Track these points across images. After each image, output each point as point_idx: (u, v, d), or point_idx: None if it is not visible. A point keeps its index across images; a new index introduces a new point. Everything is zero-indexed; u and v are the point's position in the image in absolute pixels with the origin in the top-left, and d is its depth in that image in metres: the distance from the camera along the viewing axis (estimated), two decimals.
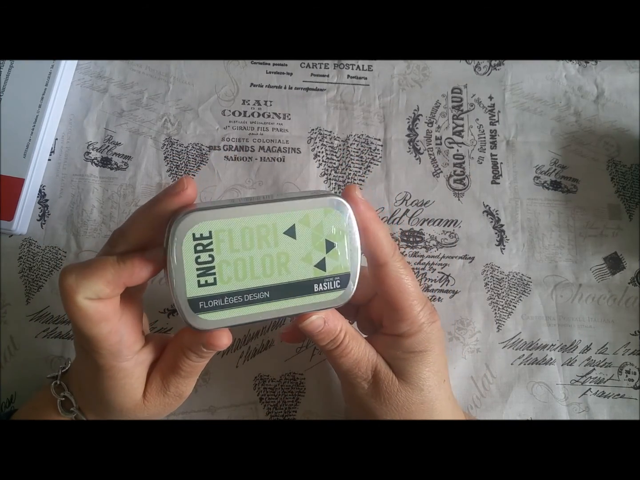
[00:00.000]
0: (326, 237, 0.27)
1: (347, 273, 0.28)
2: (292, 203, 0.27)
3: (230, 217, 0.26)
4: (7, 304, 0.40)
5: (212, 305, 0.26)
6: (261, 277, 0.26)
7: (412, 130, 0.45)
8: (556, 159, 0.45)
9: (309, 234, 0.27)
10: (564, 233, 0.43)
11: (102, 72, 0.45)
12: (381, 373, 0.31)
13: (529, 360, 0.41)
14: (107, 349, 0.27)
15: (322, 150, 0.44)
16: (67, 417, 0.31)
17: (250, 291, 0.26)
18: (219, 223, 0.25)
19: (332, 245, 0.27)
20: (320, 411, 0.39)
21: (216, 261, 0.26)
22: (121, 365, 0.28)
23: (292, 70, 0.46)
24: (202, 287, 0.26)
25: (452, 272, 0.42)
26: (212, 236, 0.25)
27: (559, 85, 0.46)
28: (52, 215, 0.42)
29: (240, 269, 0.26)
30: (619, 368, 0.41)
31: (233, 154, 0.43)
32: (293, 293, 0.27)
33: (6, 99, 0.41)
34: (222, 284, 0.26)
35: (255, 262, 0.26)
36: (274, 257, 0.27)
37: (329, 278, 0.28)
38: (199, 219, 0.25)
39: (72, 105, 0.44)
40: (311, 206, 0.27)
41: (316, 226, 0.27)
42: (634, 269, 0.43)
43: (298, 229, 0.27)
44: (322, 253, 0.27)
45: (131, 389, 0.29)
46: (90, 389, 0.30)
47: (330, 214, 0.27)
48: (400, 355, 0.31)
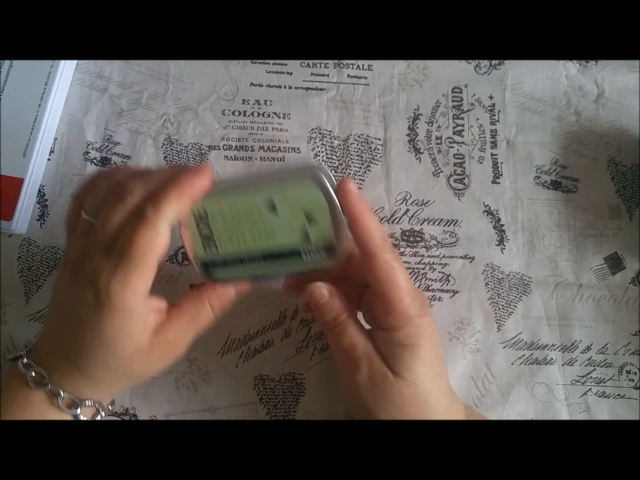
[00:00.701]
0: (305, 208, 0.30)
1: (330, 240, 0.30)
2: (271, 180, 0.30)
3: (220, 197, 0.30)
4: (6, 304, 0.40)
5: (219, 266, 0.32)
6: (253, 246, 0.31)
7: (412, 130, 0.45)
8: (556, 158, 0.45)
9: (289, 206, 0.30)
10: (565, 233, 0.43)
11: (101, 72, 0.45)
12: (375, 366, 0.31)
13: (530, 361, 0.41)
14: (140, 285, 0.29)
15: (322, 150, 0.44)
16: (41, 392, 0.30)
17: (248, 257, 0.31)
18: (212, 202, 0.30)
19: (312, 216, 0.30)
20: (320, 411, 0.39)
21: (215, 232, 0.31)
22: (137, 306, 0.29)
23: (292, 69, 0.45)
24: (208, 252, 0.31)
25: (452, 272, 0.42)
26: (207, 214, 0.30)
27: (559, 85, 0.46)
28: (51, 215, 0.42)
29: (235, 239, 0.31)
30: (619, 368, 0.41)
31: (233, 153, 0.43)
32: (286, 260, 0.31)
33: (6, 99, 0.41)
34: (223, 251, 0.31)
35: (246, 233, 0.31)
36: (262, 230, 0.31)
37: (314, 245, 0.31)
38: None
39: (71, 105, 0.44)
40: (288, 179, 0.30)
41: (294, 199, 0.30)
42: (634, 269, 0.42)
43: (278, 203, 0.30)
44: (304, 223, 0.30)
45: (136, 331, 0.29)
46: (83, 344, 0.29)
47: (305, 186, 0.30)
48: (392, 349, 0.31)
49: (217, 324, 0.33)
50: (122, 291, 0.28)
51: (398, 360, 0.31)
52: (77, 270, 0.29)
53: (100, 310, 0.28)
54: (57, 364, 0.30)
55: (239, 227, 0.31)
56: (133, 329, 0.29)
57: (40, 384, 0.30)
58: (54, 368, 0.30)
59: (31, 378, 0.30)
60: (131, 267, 0.28)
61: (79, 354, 0.30)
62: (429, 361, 0.31)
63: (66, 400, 0.30)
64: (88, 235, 0.30)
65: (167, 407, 0.38)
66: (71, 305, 0.30)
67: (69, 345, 0.30)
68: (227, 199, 0.30)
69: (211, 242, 0.31)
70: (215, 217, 0.31)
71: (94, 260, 0.29)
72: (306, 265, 0.31)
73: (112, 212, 0.30)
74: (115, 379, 0.31)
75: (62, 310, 0.30)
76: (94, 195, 0.31)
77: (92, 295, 0.28)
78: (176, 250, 0.41)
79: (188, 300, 0.32)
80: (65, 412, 0.30)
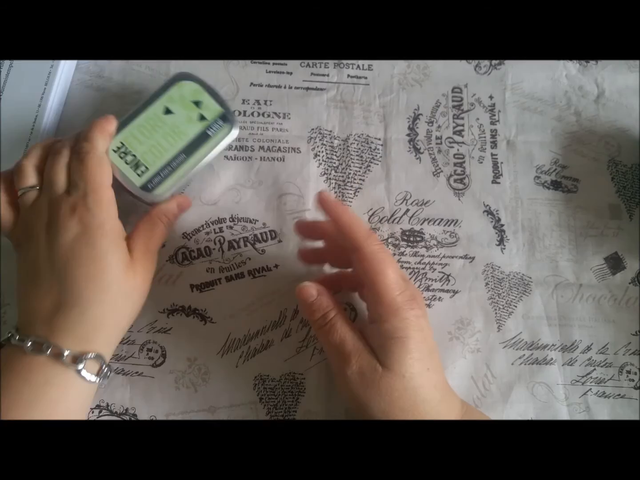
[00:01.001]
0: (191, 99, 0.39)
1: (221, 112, 0.39)
2: (156, 95, 0.38)
3: (127, 126, 0.37)
4: (7, 304, 0.40)
5: (156, 182, 0.37)
6: (171, 148, 0.38)
7: (412, 130, 0.45)
8: (557, 158, 0.45)
9: (179, 104, 0.39)
10: (565, 233, 0.43)
11: (101, 72, 0.45)
12: (365, 360, 0.31)
13: (530, 360, 0.41)
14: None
15: (322, 150, 0.44)
16: (42, 357, 0.31)
17: (173, 159, 0.37)
18: (122, 134, 0.37)
19: (198, 101, 0.39)
20: (320, 411, 0.39)
21: (138, 155, 0.37)
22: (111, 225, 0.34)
23: (292, 69, 0.45)
24: (141, 175, 0.37)
25: (452, 272, 0.42)
26: (124, 144, 0.37)
27: (559, 84, 0.46)
28: None
29: (155, 151, 0.37)
30: (619, 368, 0.41)
31: (233, 153, 0.43)
32: (199, 144, 0.38)
33: (6, 99, 0.41)
34: (152, 166, 0.37)
35: (161, 141, 0.38)
36: (170, 132, 0.38)
37: (211, 121, 0.39)
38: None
39: (71, 105, 0.44)
40: (167, 88, 0.39)
41: (179, 97, 0.39)
42: (634, 269, 0.42)
43: (170, 106, 0.38)
44: (196, 110, 0.39)
45: (120, 246, 0.34)
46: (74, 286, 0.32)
47: (183, 86, 0.39)
48: (381, 341, 0.31)
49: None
50: (99, 214, 0.33)
51: (387, 352, 0.31)
52: (50, 223, 0.33)
53: (88, 238, 0.32)
54: (51, 326, 0.31)
55: (154, 140, 0.38)
56: (117, 245, 0.34)
57: (39, 350, 0.31)
58: (49, 332, 0.31)
59: (28, 349, 0.31)
60: (99, 192, 0.34)
61: (75, 300, 0.32)
62: (418, 354, 0.31)
63: (69, 357, 0.31)
64: (38, 199, 0.34)
65: (167, 407, 0.38)
66: (56, 254, 0.32)
67: (61, 295, 0.32)
68: (133, 125, 0.38)
69: (139, 164, 0.37)
70: (131, 143, 0.37)
71: (61, 206, 0.33)
72: (215, 139, 0.38)
73: (55, 164, 0.35)
74: (111, 317, 0.33)
75: (44, 269, 0.33)
76: (24, 169, 0.35)
77: (78, 228, 0.33)
78: (176, 250, 0.41)
79: (142, 222, 0.36)
80: (70, 367, 0.31)
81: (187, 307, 0.40)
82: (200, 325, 0.40)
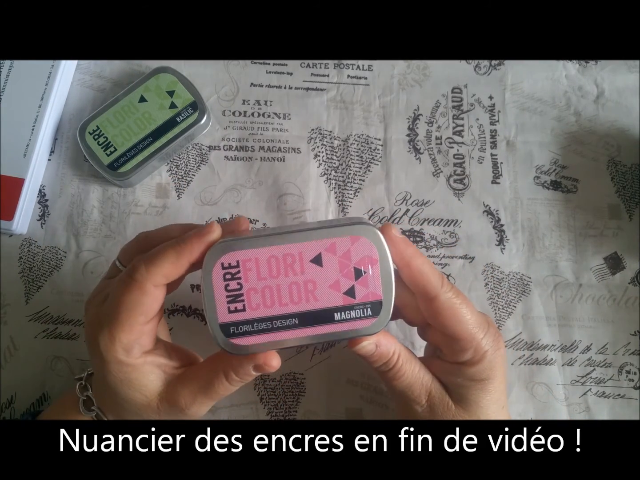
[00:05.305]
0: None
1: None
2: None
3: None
4: (7, 304, 0.40)
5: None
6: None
7: (412, 130, 0.45)
8: (556, 158, 0.45)
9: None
10: (564, 233, 0.43)
11: (102, 72, 0.45)
12: (436, 398, 0.30)
13: (529, 361, 0.41)
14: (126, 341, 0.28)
15: (322, 150, 0.44)
16: (88, 417, 0.31)
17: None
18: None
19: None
20: (321, 411, 0.39)
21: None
22: (128, 360, 0.28)
23: (292, 70, 0.45)
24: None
25: (452, 272, 0.42)
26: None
27: (559, 85, 0.46)
28: (52, 215, 0.42)
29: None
30: (619, 368, 0.41)
31: (233, 154, 0.43)
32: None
33: (6, 99, 0.41)
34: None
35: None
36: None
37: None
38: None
39: (72, 105, 0.44)
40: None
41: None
42: (634, 269, 0.43)
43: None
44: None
45: (141, 385, 0.29)
46: (103, 386, 0.30)
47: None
48: (461, 382, 0.30)
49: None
50: (111, 345, 0.28)
51: (466, 394, 0.30)
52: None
53: (101, 362, 0.28)
54: (98, 391, 0.32)
55: (125, 125, 0.40)
56: (136, 383, 0.29)
57: (88, 409, 0.32)
58: (98, 395, 0.32)
59: (82, 402, 0.32)
60: (116, 324, 0.27)
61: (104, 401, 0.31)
62: (497, 395, 0.30)
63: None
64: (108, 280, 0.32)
65: None
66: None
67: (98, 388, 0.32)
68: (109, 111, 0.41)
69: (109, 145, 0.40)
70: (105, 126, 0.40)
71: (88, 312, 0.31)
72: (183, 125, 0.40)
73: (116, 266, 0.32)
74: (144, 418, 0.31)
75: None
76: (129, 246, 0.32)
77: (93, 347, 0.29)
78: None
79: (203, 367, 0.30)
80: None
81: (188, 307, 0.40)
82: (200, 325, 0.40)
